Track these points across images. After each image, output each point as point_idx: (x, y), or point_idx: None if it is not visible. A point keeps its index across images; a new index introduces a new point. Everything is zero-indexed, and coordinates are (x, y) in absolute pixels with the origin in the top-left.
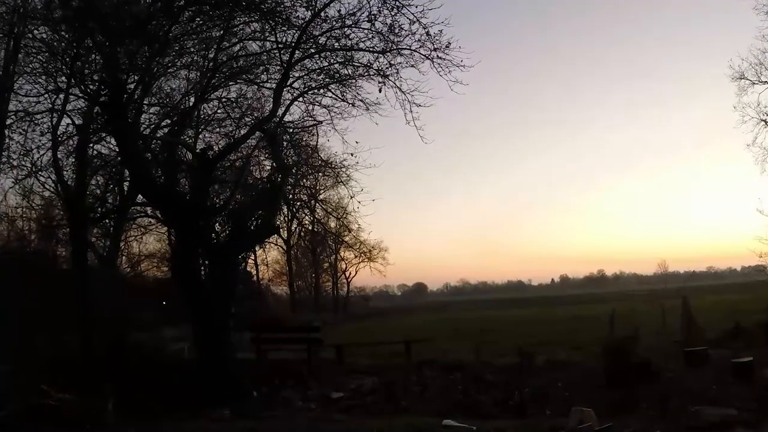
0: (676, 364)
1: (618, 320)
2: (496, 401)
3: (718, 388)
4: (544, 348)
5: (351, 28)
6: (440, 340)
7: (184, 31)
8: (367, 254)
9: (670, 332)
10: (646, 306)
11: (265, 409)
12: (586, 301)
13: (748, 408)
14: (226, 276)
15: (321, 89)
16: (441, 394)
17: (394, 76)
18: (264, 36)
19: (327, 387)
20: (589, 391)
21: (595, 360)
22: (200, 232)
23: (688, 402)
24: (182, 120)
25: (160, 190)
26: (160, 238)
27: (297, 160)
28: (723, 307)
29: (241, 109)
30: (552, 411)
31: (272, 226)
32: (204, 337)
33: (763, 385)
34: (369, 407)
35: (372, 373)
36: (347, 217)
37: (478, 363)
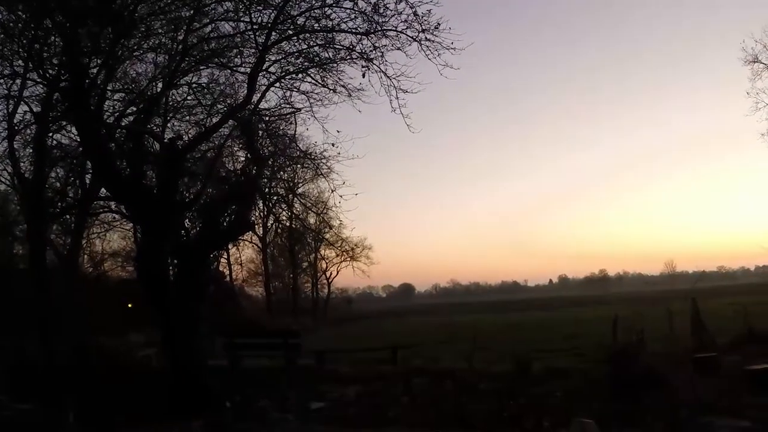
0: (685, 371)
1: (622, 324)
2: (489, 412)
3: (731, 397)
4: (542, 354)
5: (332, 7)
6: (429, 346)
7: (151, 10)
8: (349, 253)
9: (678, 337)
10: (652, 309)
11: (238, 421)
12: (587, 304)
13: (763, 419)
14: (196, 276)
15: (299, 74)
16: (431, 405)
17: (378, 59)
18: (238, 16)
19: (306, 397)
20: (590, 400)
21: (596, 367)
22: (168, 229)
23: (698, 413)
24: (149, 107)
25: (125, 183)
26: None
27: (273, 151)
28: (735, 310)
29: (213, 96)
30: (551, 422)
31: (246, 222)
32: (173, 343)
33: None
34: (352, 419)
35: (355, 381)
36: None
37: (470, 371)
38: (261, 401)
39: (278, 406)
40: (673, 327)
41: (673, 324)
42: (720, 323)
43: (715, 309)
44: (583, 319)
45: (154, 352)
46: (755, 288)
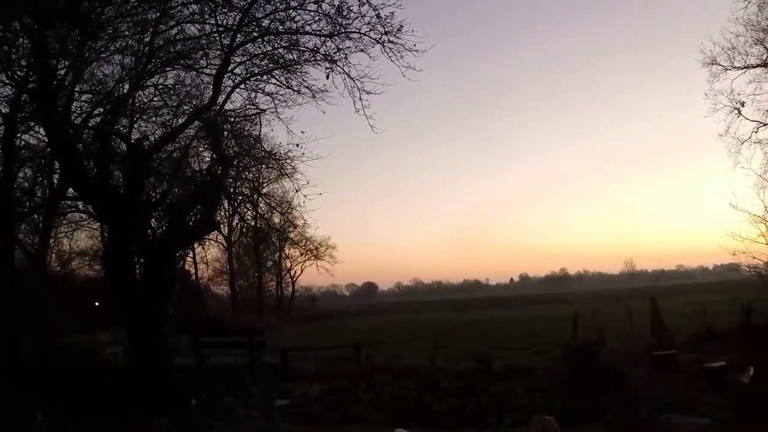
0: (644, 369)
1: (582, 322)
2: (452, 409)
3: (689, 395)
4: (503, 352)
5: (296, 9)
6: (392, 344)
7: (118, 13)
8: (313, 252)
9: (638, 335)
10: (612, 307)
11: (204, 418)
12: (548, 302)
13: (722, 417)
14: (162, 275)
15: (264, 75)
16: (393, 402)
17: (342, 61)
18: (203, 18)
19: (271, 394)
20: (551, 398)
21: (557, 365)
22: (135, 228)
23: (657, 410)
24: (116, 108)
25: (93, 183)
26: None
27: (238, 151)
28: (693, 309)
29: (179, 97)
30: (512, 420)
31: (212, 222)
32: (139, 341)
33: (738, 391)
34: (316, 416)
35: (319, 379)
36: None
37: (432, 368)
38: (226, 399)
39: (243, 403)
40: (632, 325)
41: (633, 322)
42: (679, 322)
43: (674, 307)
44: (544, 317)
45: (120, 350)
46: (714, 287)
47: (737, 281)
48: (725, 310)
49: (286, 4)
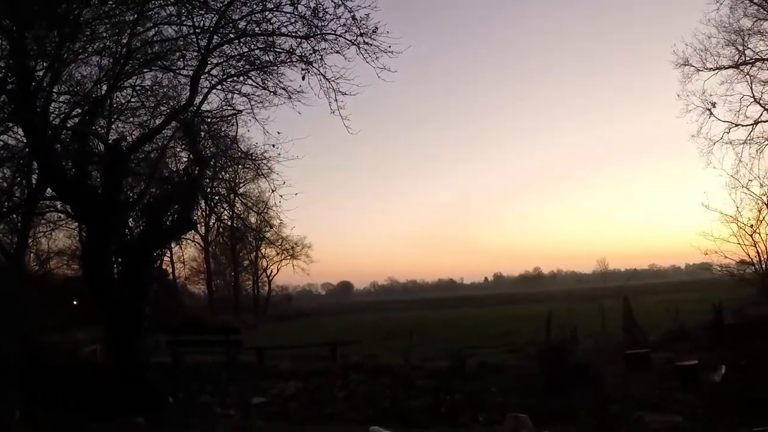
0: (617, 368)
1: (555, 321)
2: (426, 407)
3: (662, 393)
4: (478, 351)
5: (272, 11)
6: (368, 343)
7: (96, 15)
8: (289, 251)
9: (611, 334)
10: (585, 306)
11: (181, 416)
12: (522, 301)
13: (694, 414)
14: (140, 274)
15: (241, 77)
16: (368, 400)
17: (318, 62)
18: (180, 20)
19: (247, 392)
20: (525, 396)
21: (531, 364)
22: (113, 228)
23: (630, 408)
24: (94, 109)
25: (71, 184)
26: (71, 234)
27: (215, 152)
28: (666, 308)
29: (156, 98)
30: (486, 417)
31: (189, 222)
32: (117, 340)
33: (709, 389)
34: (292, 414)
35: (295, 377)
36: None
37: (407, 367)
38: (203, 397)
39: (220, 401)
40: (605, 324)
41: (606, 321)
42: (651, 320)
43: (646, 307)
44: (518, 316)
45: (98, 349)
46: (686, 286)
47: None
48: (697, 309)
49: (262, 5)
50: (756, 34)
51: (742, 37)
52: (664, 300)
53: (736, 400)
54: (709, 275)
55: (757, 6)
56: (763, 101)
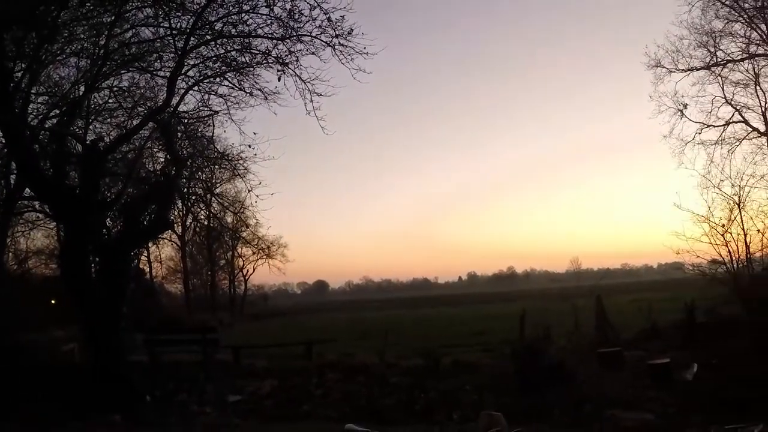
0: (590, 366)
1: (529, 320)
2: (401, 405)
3: (634, 391)
4: (452, 349)
5: (249, 13)
6: (343, 341)
7: (74, 16)
8: (265, 251)
9: (584, 333)
10: (558, 305)
11: (158, 415)
12: (496, 300)
13: (666, 413)
14: (117, 274)
15: (217, 78)
16: (344, 398)
17: (293, 64)
18: (157, 22)
19: (224, 390)
20: (499, 394)
21: (505, 362)
22: (90, 228)
23: (603, 406)
24: (72, 110)
25: (49, 184)
26: (49, 234)
27: (192, 152)
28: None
29: (134, 99)
30: (460, 415)
31: (166, 221)
32: (94, 339)
33: (682, 388)
34: (268, 411)
35: (271, 375)
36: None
37: (382, 365)
38: (180, 395)
39: (197, 399)
40: (578, 323)
41: (579, 320)
42: (624, 319)
43: (619, 305)
44: (492, 315)
45: (76, 348)
46: (658, 285)
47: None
48: (669, 308)
49: (238, 7)
50: (727, 35)
51: (714, 38)
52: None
53: (708, 398)
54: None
55: (728, 8)
56: (734, 102)
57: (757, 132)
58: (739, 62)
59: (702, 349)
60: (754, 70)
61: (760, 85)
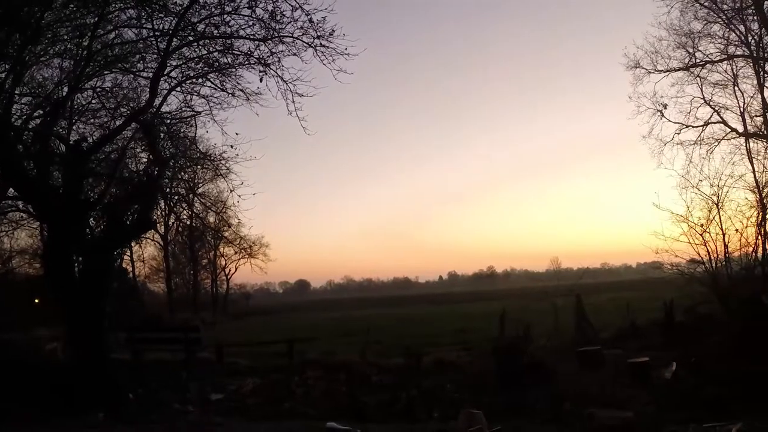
0: (570, 364)
1: (509, 319)
2: (382, 403)
3: (614, 389)
4: (433, 348)
5: (231, 14)
6: (325, 340)
7: (58, 17)
8: (247, 250)
9: (564, 331)
10: (538, 304)
11: (141, 413)
12: (476, 299)
13: (646, 411)
14: (100, 273)
15: (199, 78)
16: (325, 397)
17: (275, 64)
18: (140, 23)
19: (206, 389)
20: (479, 392)
21: (485, 361)
22: (74, 227)
23: (582, 404)
24: (55, 110)
25: (32, 183)
26: (32, 234)
27: (174, 152)
28: (618, 306)
29: (117, 99)
30: (440, 413)
31: (149, 221)
32: (78, 337)
33: (660, 386)
34: (250, 410)
35: (253, 374)
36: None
37: (364, 364)
38: (163, 393)
39: (180, 398)
40: (558, 322)
41: (559, 319)
42: (603, 318)
43: (598, 304)
44: (473, 314)
45: (60, 346)
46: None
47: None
48: (648, 307)
49: (220, 9)
50: (706, 36)
51: (693, 39)
52: (616, 298)
53: (687, 396)
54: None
55: (706, 9)
56: (713, 103)
57: (735, 132)
58: (718, 63)
59: (681, 348)
60: (732, 71)
61: (738, 85)
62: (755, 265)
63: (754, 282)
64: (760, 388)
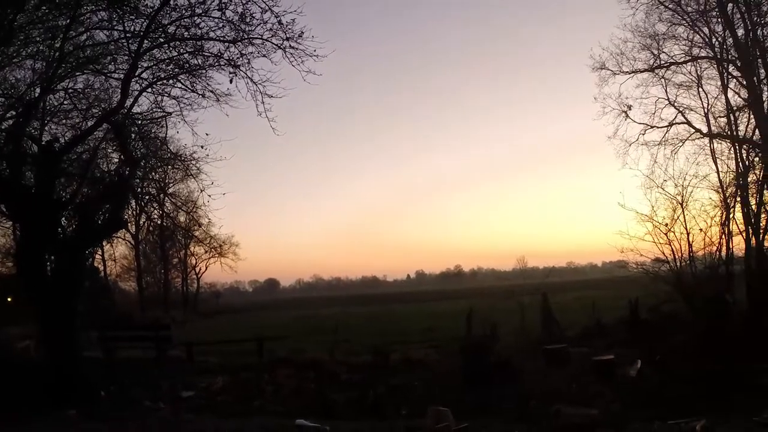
0: (536, 362)
1: (476, 318)
2: (351, 401)
3: (579, 387)
4: (401, 346)
5: (201, 16)
6: (294, 338)
7: (30, 19)
8: (217, 249)
9: (530, 330)
10: (505, 303)
11: (113, 410)
12: (443, 298)
13: (610, 408)
14: (72, 272)
15: (170, 80)
16: (295, 394)
17: (245, 66)
18: (111, 25)
19: (177, 386)
20: (447, 390)
21: (452, 359)
22: (46, 227)
23: (549, 402)
24: (28, 111)
25: (5, 183)
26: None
27: (145, 153)
28: (584, 304)
29: (89, 101)
30: (408, 411)
31: (120, 221)
32: (50, 336)
33: (625, 384)
34: (220, 407)
35: (223, 371)
36: (197, 211)
37: (333, 362)
38: (134, 391)
39: (151, 395)
40: (525, 320)
41: (525, 318)
42: (570, 316)
43: (564, 303)
44: (440, 312)
45: (32, 344)
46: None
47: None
48: (614, 305)
49: (191, 11)
50: (670, 38)
51: (657, 41)
52: (581, 297)
53: (651, 394)
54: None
55: (671, 11)
56: (677, 104)
57: (699, 133)
58: (682, 65)
59: (646, 346)
60: (696, 72)
61: (702, 86)
62: (719, 264)
63: (718, 281)
64: (724, 385)
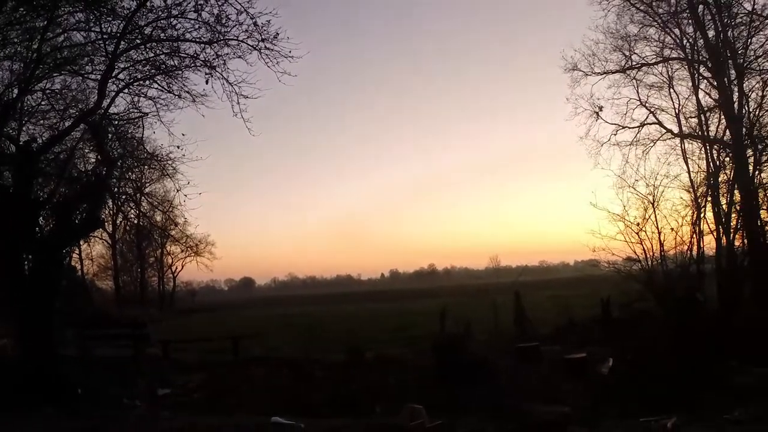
0: (509, 360)
1: (450, 316)
2: (326, 398)
3: (552, 385)
4: (375, 344)
5: (177, 18)
6: (269, 336)
7: (8, 20)
8: (193, 248)
9: (503, 328)
10: (478, 301)
11: (90, 407)
12: (417, 296)
13: (582, 405)
14: (49, 271)
15: (147, 80)
16: (270, 392)
17: (221, 67)
18: (89, 26)
19: (154, 384)
20: (420, 388)
21: (426, 357)
22: (24, 226)
23: (521, 400)
24: (5, 112)
25: None
26: None
27: (122, 153)
28: (556, 303)
29: (66, 101)
30: (383, 408)
31: (97, 220)
32: (27, 334)
33: (597, 381)
34: (196, 404)
35: (199, 369)
36: (173, 211)
37: (307, 359)
38: (111, 389)
39: (128, 393)
40: (498, 319)
41: (498, 316)
42: (542, 315)
43: (537, 301)
44: (414, 311)
45: (9, 343)
46: (575, 282)
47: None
48: (586, 304)
49: (167, 12)
50: (642, 39)
51: (629, 42)
52: (554, 295)
53: (623, 391)
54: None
55: (642, 13)
56: (649, 104)
57: (670, 133)
58: (654, 65)
59: (618, 344)
60: (668, 73)
61: (673, 87)
62: (690, 263)
63: (689, 279)
64: (695, 383)
